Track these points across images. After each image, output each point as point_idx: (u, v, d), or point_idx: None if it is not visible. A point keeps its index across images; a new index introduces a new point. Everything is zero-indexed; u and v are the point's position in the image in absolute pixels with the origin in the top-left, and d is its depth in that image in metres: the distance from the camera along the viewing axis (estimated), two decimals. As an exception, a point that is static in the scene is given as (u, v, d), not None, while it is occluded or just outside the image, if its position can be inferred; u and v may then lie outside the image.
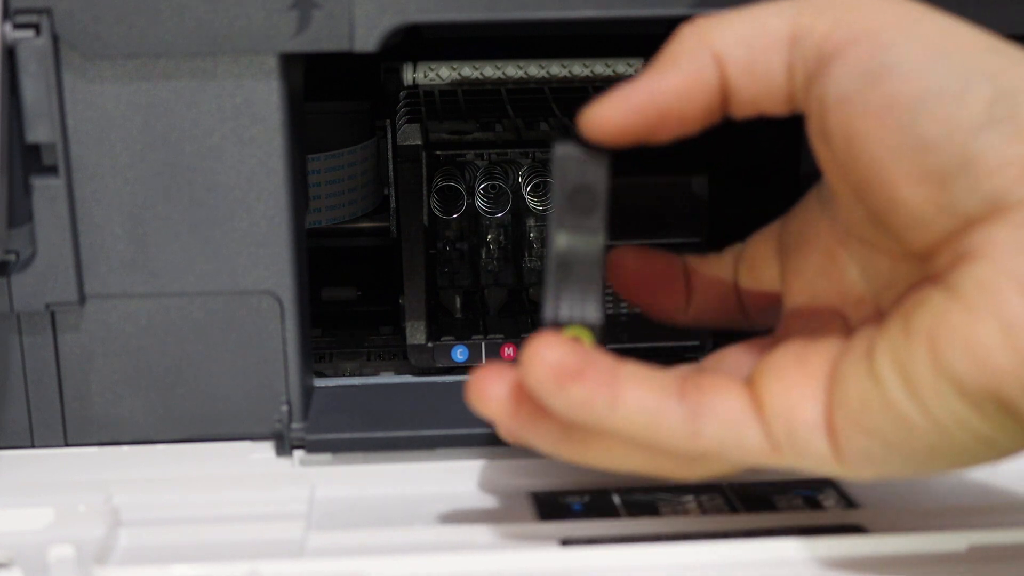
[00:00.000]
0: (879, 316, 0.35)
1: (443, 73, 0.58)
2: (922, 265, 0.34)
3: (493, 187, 0.53)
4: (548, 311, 0.37)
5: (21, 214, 0.43)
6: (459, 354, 0.52)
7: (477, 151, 0.53)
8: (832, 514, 0.41)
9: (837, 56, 0.33)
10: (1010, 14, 0.44)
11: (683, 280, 0.43)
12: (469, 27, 0.43)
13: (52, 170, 0.43)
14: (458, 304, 0.55)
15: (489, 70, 0.58)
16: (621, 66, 0.58)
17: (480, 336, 0.52)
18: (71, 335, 0.45)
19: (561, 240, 0.36)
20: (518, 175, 0.53)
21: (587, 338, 0.36)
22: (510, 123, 0.54)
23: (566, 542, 0.39)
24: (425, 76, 0.58)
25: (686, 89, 0.35)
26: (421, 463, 0.44)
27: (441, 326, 0.53)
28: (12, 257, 0.43)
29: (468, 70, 0.58)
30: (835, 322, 0.37)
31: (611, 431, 0.36)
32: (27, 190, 0.43)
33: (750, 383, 0.36)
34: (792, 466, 0.36)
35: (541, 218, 0.55)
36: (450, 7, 0.42)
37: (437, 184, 0.52)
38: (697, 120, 0.36)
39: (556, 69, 0.58)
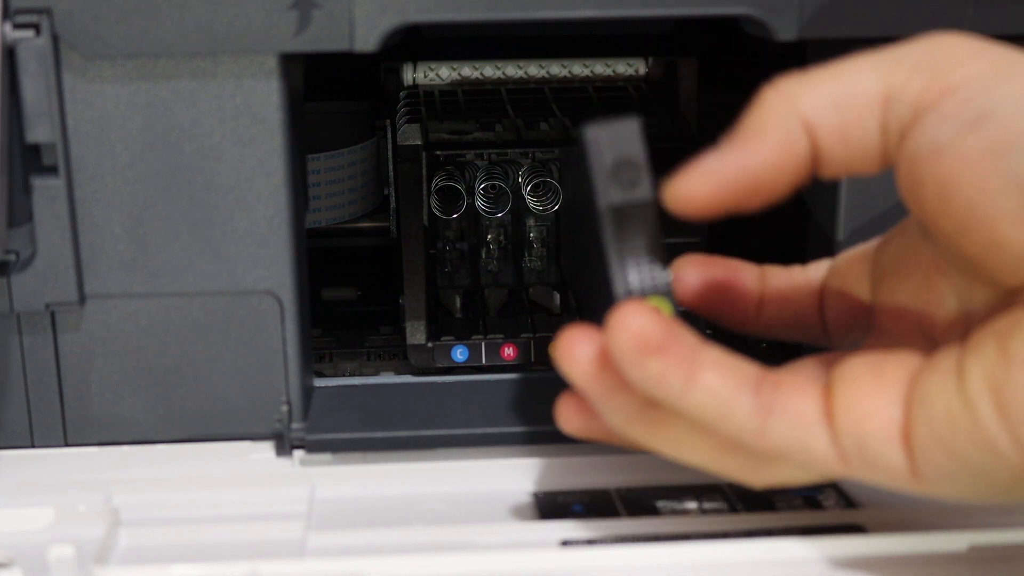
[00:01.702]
0: (966, 334, 0.34)
1: (443, 73, 0.58)
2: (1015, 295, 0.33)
3: (493, 187, 0.53)
4: (619, 287, 0.36)
5: (21, 214, 0.43)
6: (459, 354, 0.52)
7: (477, 151, 0.53)
8: (832, 514, 0.41)
9: (933, 107, 0.33)
10: (1010, 14, 0.43)
11: (754, 289, 0.41)
12: (469, 27, 0.43)
13: (52, 170, 0.43)
14: (458, 304, 0.55)
15: (489, 70, 0.58)
16: (621, 66, 0.58)
17: (480, 336, 0.52)
18: (71, 335, 0.45)
19: (614, 212, 0.35)
20: (518, 175, 0.53)
21: (666, 308, 0.36)
22: (510, 123, 0.54)
23: (566, 543, 0.39)
24: (425, 76, 0.58)
25: (777, 160, 0.34)
26: (421, 463, 0.44)
27: (441, 326, 0.53)
28: (12, 257, 0.43)
29: (468, 70, 0.58)
30: (919, 339, 0.37)
31: (682, 412, 0.35)
32: (27, 190, 0.43)
33: (826, 389, 0.35)
34: (863, 478, 0.35)
35: (541, 218, 0.55)
36: (450, 7, 0.42)
37: (437, 184, 0.52)
38: (788, 188, 0.35)
39: (556, 69, 0.58)
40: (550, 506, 0.42)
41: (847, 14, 0.43)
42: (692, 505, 0.42)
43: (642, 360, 0.34)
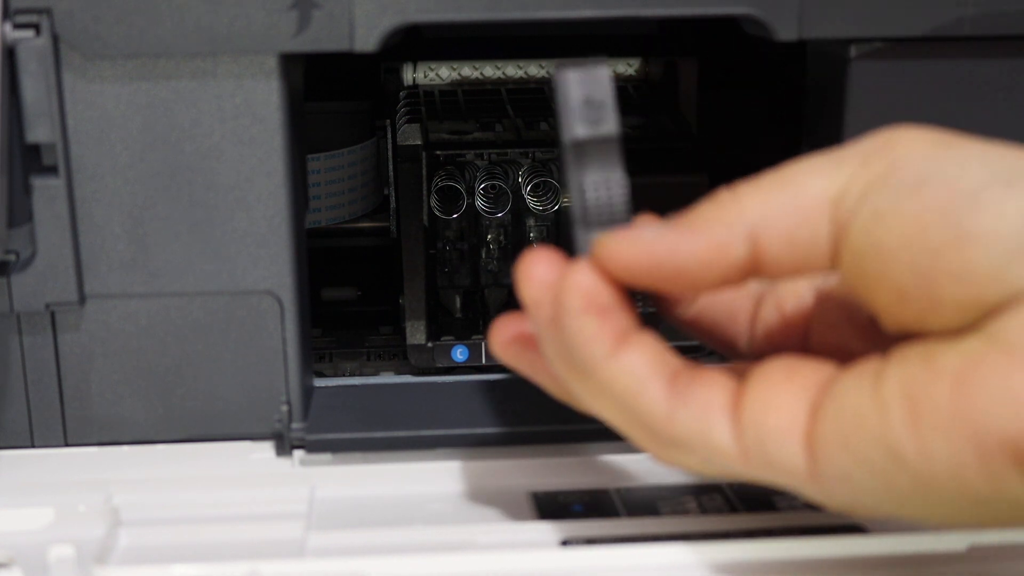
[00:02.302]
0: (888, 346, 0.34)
1: (443, 73, 0.58)
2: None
3: (493, 187, 0.53)
4: (578, 221, 0.36)
5: (21, 214, 0.43)
6: (459, 354, 0.52)
7: (477, 151, 0.53)
8: (832, 514, 0.41)
9: (875, 185, 0.33)
10: (1010, 14, 0.43)
11: (750, 321, 0.40)
12: (469, 27, 0.43)
13: (52, 170, 0.43)
14: (458, 304, 0.55)
15: (489, 70, 0.58)
16: (621, 66, 0.58)
17: (480, 336, 0.52)
18: (71, 335, 0.45)
19: (577, 146, 0.36)
20: (518, 175, 0.53)
21: None
22: (510, 123, 0.54)
23: (566, 542, 0.39)
24: (425, 76, 0.58)
25: (706, 259, 0.34)
26: (421, 463, 0.44)
27: (441, 326, 0.53)
28: (12, 257, 0.43)
29: (468, 70, 0.58)
30: (838, 352, 0.37)
31: (597, 381, 0.35)
32: (27, 190, 0.43)
33: (740, 386, 0.35)
34: (760, 476, 0.35)
35: (541, 218, 0.55)
36: (450, 7, 0.42)
37: (437, 184, 0.52)
38: (712, 286, 0.35)
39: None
40: (550, 506, 0.42)
41: (847, 14, 0.43)
42: (692, 505, 0.42)
43: (581, 316, 0.35)
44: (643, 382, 0.35)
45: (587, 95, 0.36)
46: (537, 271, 0.36)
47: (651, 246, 0.35)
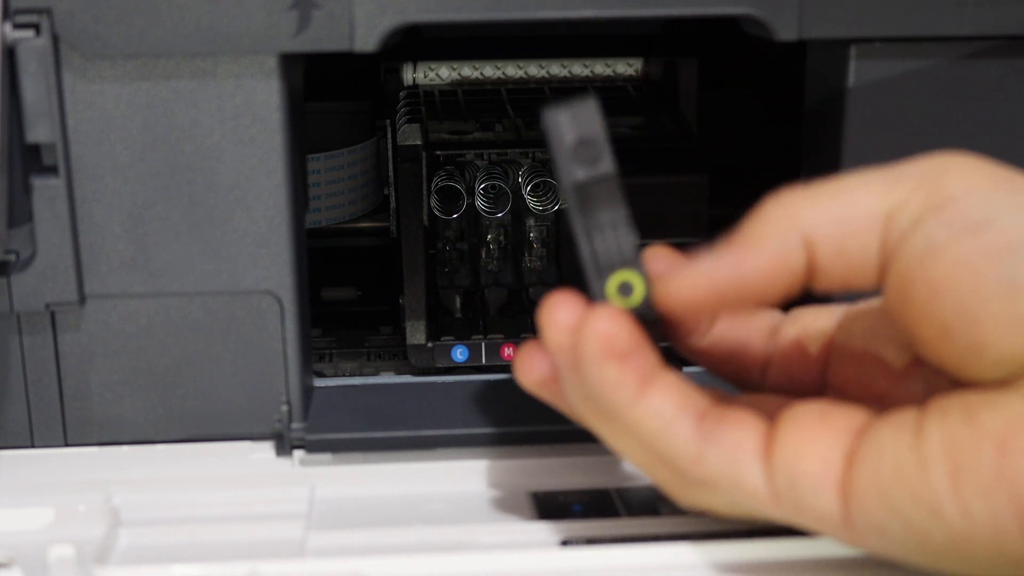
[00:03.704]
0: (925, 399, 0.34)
1: (443, 73, 0.58)
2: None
3: (493, 187, 0.53)
4: (588, 264, 0.36)
5: (21, 214, 0.43)
6: (459, 354, 0.52)
7: (477, 151, 0.53)
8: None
9: (931, 214, 0.33)
10: (1010, 14, 0.43)
11: (764, 353, 0.41)
12: (469, 27, 0.43)
13: (52, 170, 0.43)
14: (458, 304, 0.55)
15: (489, 70, 0.58)
16: (621, 66, 0.58)
17: (480, 336, 0.52)
18: (71, 335, 0.45)
19: (577, 189, 0.36)
20: (518, 175, 0.53)
21: (637, 281, 0.36)
22: (510, 123, 0.54)
23: (566, 542, 0.39)
24: (425, 76, 0.58)
25: (771, 273, 0.34)
26: (421, 463, 0.44)
27: (441, 326, 0.53)
28: (12, 257, 0.43)
29: (468, 70, 0.58)
30: (869, 398, 0.37)
31: (624, 424, 0.35)
32: (27, 190, 0.43)
33: (771, 427, 0.35)
34: (790, 519, 0.35)
35: (541, 218, 0.55)
36: (450, 7, 0.42)
37: (437, 184, 0.52)
38: (777, 299, 0.35)
39: (556, 69, 0.58)
40: (550, 506, 0.42)
41: (847, 14, 0.43)
42: (692, 505, 0.42)
43: (602, 363, 0.35)
44: (670, 423, 0.35)
45: (580, 135, 0.36)
46: (559, 315, 0.36)
47: (712, 275, 0.35)
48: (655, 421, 0.35)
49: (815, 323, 0.40)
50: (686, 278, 0.35)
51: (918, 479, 0.32)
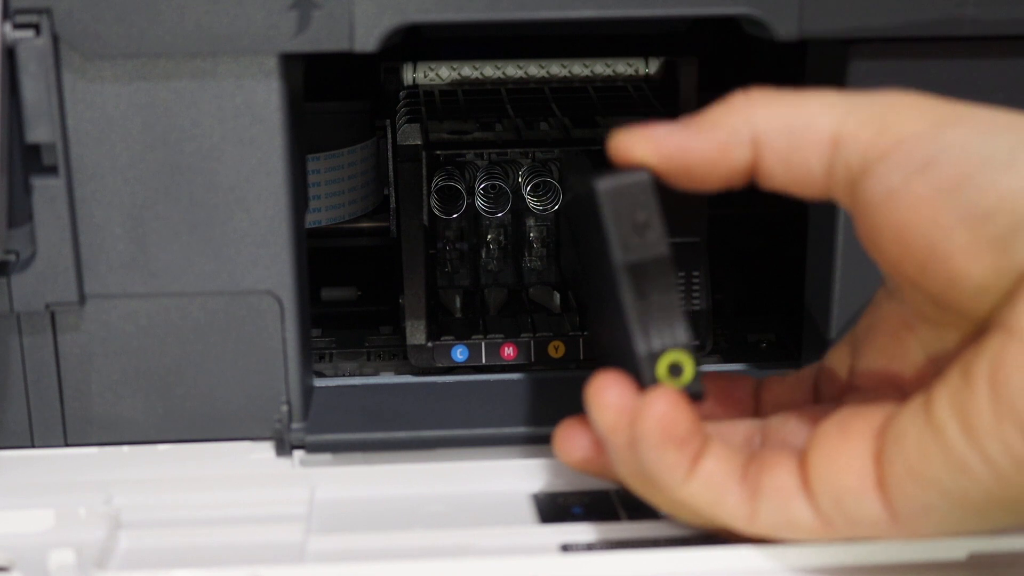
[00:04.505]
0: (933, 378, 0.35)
1: (443, 73, 0.58)
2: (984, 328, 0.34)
3: (493, 187, 0.53)
4: (640, 345, 0.37)
5: (21, 214, 0.43)
6: (459, 354, 0.52)
7: (477, 151, 0.53)
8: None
9: (882, 158, 0.34)
10: (1010, 14, 0.43)
11: (750, 402, 0.43)
12: (469, 27, 0.43)
13: (52, 170, 0.43)
14: (458, 304, 0.55)
15: (489, 70, 0.58)
16: (621, 66, 0.58)
17: (480, 336, 0.52)
18: (71, 335, 0.45)
19: (630, 270, 0.36)
20: (518, 175, 0.53)
21: (688, 362, 0.37)
22: (510, 123, 0.54)
23: (566, 548, 0.39)
24: (425, 76, 0.58)
25: (713, 157, 0.36)
26: (421, 463, 0.44)
27: (441, 326, 0.53)
28: (12, 257, 0.43)
29: (468, 70, 0.58)
30: (887, 393, 0.38)
31: (676, 498, 0.37)
32: (27, 190, 0.43)
33: (802, 458, 0.36)
34: (847, 536, 0.36)
35: (541, 218, 0.55)
36: (450, 7, 0.42)
37: (437, 184, 0.52)
38: (715, 184, 0.37)
39: (556, 69, 0.58)
40: (550, 508, 0.42)
41: (847, 13, 0.43)
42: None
43: (662, 447, 0.36)
44: (722, 493, 0.36)
45: (632, 213, 0.36)
46: (609, 397, 0.37)
47: (661, 141, 0.36)
48: (707, 494, 0.36)
49: (838, 350, 0.41)
50: (640, 136, 0.37)
51: (939, 447, 0.33)
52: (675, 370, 0.37)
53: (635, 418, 0.36)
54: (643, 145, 0.37)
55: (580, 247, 0.41)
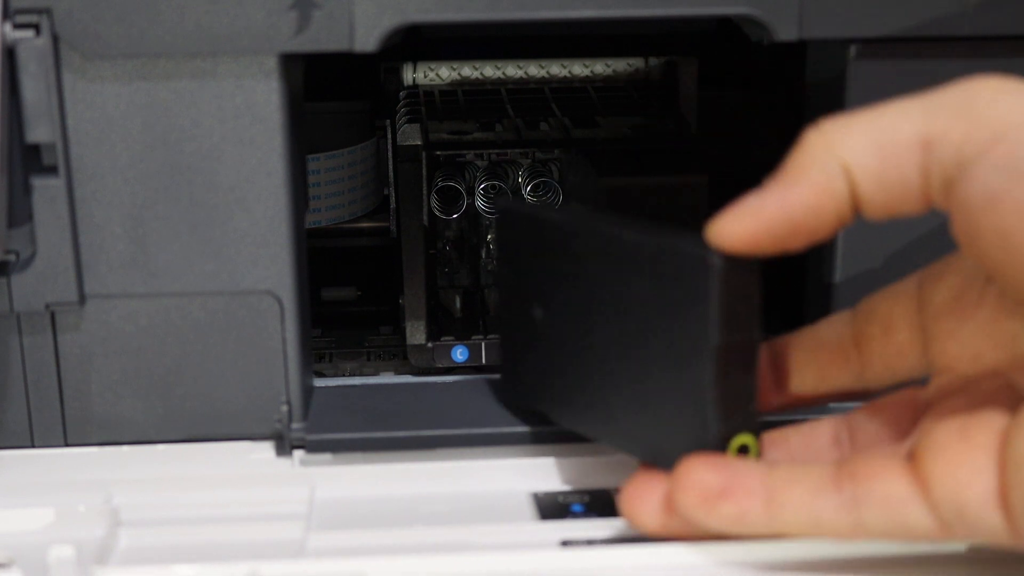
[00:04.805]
0: None
1: (443, 73, 0.58)
2: None
3: (493, 187, 0.53)
4: (718, 426, 0.36)
5: (21, 214, 0.43)
6: (459, 354, 0.52)
7: (477, 151, 0.53)
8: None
9: (980, 157, 0.33)
10: (1010, 14, 0.43)
11: (768, 369, 0.41)
12: (469, 27, 0.43)
13: (52, 170, 0.43)
14: (458, 304, 0.55)
15: (489, 70, 0.58)
16: (621, 66, 0.58)
17: (480, 336, 0.52)
18: (71, 335, 0.45)
19: (725, 351, 0.36)
20: (518, 175, 0.53)
21: (753, 444, 0.37)
22: (510, 123, 0.54)
23: (566, 543, 0.39)
24: (425, 76, 0.58)
25: (817, 202, 0.34)
26: (421, 463, 0.44)
27: (441, 326, 0.53)
28: (12, 257, 0.43)
29: (468, 70, 0.58)
30: (1000, 389, 0.36)
31: (774, 535, 0.36)
32: (27, 190, 0.43)
33: (912, 460, 0.35)
34: (960, 539, 0.35)
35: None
36: (450, 7, 0.42)
37: (437, 184, 0.52)
38: (828, 229, 0.35)
39: (556, 69, 0.58)
40: (550, 506, 0.42)
41: (847, 14, 0.43)
42: (692, 505, 0.42)
43: (713, 509, 0.36)
44: (816, 511, 0.36)
45: (736, 294, 0.35)
46: (645, 506, 0.37)
47: (761, 211, 0.35)
48: (802, 517, 0.36)
49: (894, 303, 0.39)
50: (735, 217, 0.35)
51: None
52: (743, 451, 0.37)
53: (676, 503, 0.36)
54: (744, 222, 0.35)
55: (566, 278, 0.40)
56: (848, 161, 0.34)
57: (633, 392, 0.39)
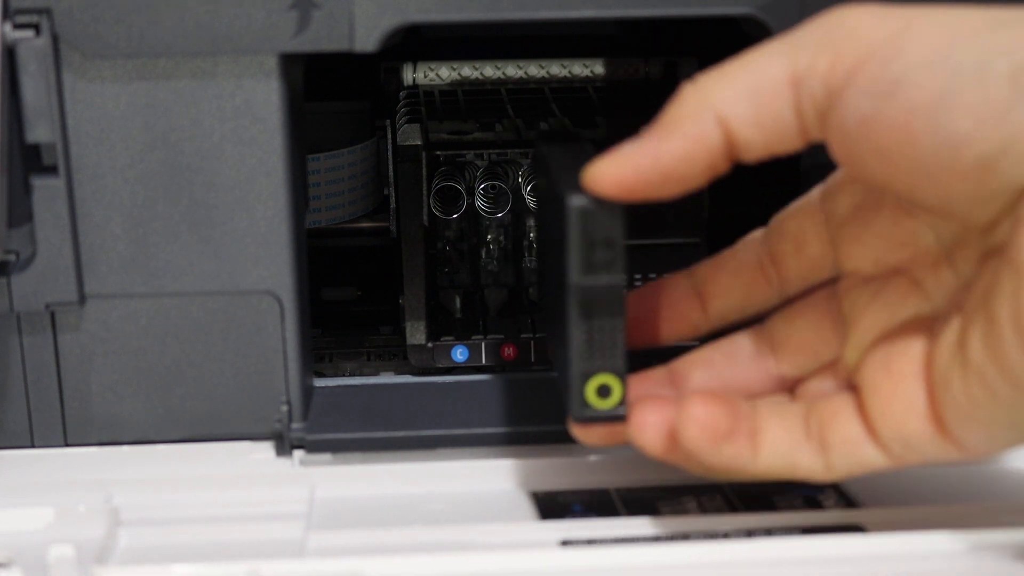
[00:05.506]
0: (958, 299, 0.36)
1: (443, 73, 0.58)
2: (989, 232, 0.34)
3: (493, 187, 0.53)
4: (579, 363, 0.37)
5: (21, 214, 0.43)
6: (459, 354, 0.52)
7: (477, 151, 0.53)
8: (832, 514, 0.41)
9: (846, 84, 0.34)
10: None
11: (693, 296, 0.42)
12: (469, 27, 0.43)
13: (52, 170, 0.43)
14: (458, 304, 0.55)
15: (489, 70, 0.58)
16: (621, 66, 0.58)
17: (480, 336, 0.52)
18: (71, 335, 0.45)
19: (583, 291, 0.36)
20: (518, 175, 0.53)
21: (616, 385, 0.37)
22: (510, 123, 0.54)
23: (566, 543, 0.39)
24: (425, 76, 0.58)
25: (688, 153, 0.35)
26: (421, 463, 0.44)
27: (441, 326, 0.53)
28: (12, 257, 0.43)
29: (468, 70, 0.58)
30: (908, 293, 0.38)
31: (751, 476, 0.38)
32: (27, 190, 0.43)
33: (859, 403, 0.37)
34: (914, 464, 0.37)
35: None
36: (450, 7, 0.42)
37: (437, 184, 0.52)
38: (700, 178, 0.36)
39: (556, 69, 0.58)
40: (550, 506, 0.42)
41: (847, 14, 0.43)
42: (692, 505, 0.42)
43: (716, 447, 0.37)
44: (792, 458, 0.37)
45: (598, 234, 0.36)
46: (649, 432, 0.38)
47: (634, 158, 0.36)
48: (780, 464, 0.37)
49: (802, 219, 0.41)
50: (612, 162, 0.36)
51: (986, 393, 0.34)
52: (603, 391, 0.37)
53: (680, 434, 0.37)
54: (616, 168, 0.36)
55: (542, 233, 0.41)
56: (722, 111, 0.35)
57: (556, 326, 0.40)
